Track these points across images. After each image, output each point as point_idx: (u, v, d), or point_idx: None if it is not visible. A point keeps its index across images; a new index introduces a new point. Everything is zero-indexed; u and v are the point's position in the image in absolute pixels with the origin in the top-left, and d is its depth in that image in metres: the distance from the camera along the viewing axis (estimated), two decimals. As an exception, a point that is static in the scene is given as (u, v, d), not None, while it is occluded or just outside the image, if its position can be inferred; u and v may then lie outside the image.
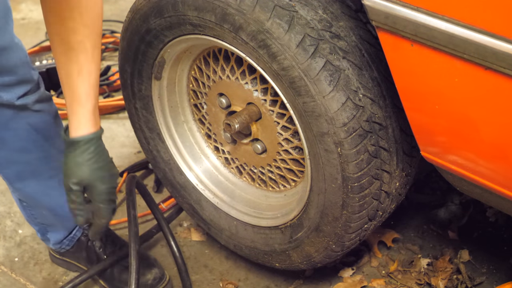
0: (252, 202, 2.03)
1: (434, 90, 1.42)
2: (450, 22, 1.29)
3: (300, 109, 1.61)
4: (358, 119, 1.57)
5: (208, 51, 1.91)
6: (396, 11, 1.36)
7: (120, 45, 1.98)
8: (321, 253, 1.83)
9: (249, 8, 1.57)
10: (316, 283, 2.09)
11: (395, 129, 1.65)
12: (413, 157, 1.74)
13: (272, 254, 1.95)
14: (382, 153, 1.65)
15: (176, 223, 2.34)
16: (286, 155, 1.84)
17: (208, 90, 1.96)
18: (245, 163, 2.01)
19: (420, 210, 2.30)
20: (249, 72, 1.81)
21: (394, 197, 1.78)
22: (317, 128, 1.60)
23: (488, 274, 2.08)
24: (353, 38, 1.59)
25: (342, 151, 1.59)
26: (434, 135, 1.52)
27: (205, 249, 2.24)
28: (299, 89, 1.58)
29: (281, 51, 1.56)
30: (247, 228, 2.00)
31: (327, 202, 1.70)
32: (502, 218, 2.23)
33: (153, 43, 1.88)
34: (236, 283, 2.11)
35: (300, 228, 1.83)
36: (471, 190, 1.58)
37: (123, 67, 2.01)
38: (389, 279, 2.08)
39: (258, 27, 1.57)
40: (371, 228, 1.82)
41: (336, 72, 1.55)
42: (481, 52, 1.27)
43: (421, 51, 1.37)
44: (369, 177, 1.64)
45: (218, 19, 1.64)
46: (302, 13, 1.56)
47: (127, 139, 2.75)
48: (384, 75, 1.62)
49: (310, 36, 1.55)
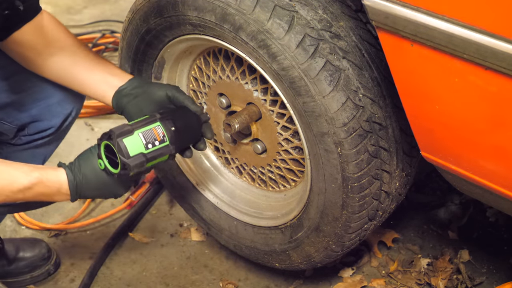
0: (252, 202, 2.03)
1: (434, 90, 1.42)
2: (450, 22, 1.29)
3: (300, 109, 1.61)
4: (358, 119, 1.57)
5: (208, 51, 1.90)
6: (396, 11, 1.36)
7: (120, 45, 1.98)
8: (321, 253, 1.83)
9: (249, 8, 1.57)
10: (316, 283, 2.09)
11: (395, 129, 1.65)
12: (413, 157, 1.74)
13: (272, 254, 1.95)
14: (382, 153, 1.65)
15: (176, 223, 2.34)
16: (286, 155, 1.84)
17: (208, 90, 1.96)
18: (245, 163, 2.01)
19: (420, 210, 2.30)
20: (249, 72, 1.81)
21: (394, 197, 1.78)
22: (317, 128, 1.60)
23: (488, 274, 2.07)
24: (353, 38, 1.59)
25: (342, 151, 1.59)
26: (434, 135, 1.52)
27: (205, 249, 2.24)
28: (299, 89, 1.58)
29: (281, 51, 1.56)
30: (247, 228, 2.00)
31: (327, 202, 1.70)
32: (502, 218, 2.23)
33: (153, 43, 1.88)
34: (236, 283, 2.11)
35: (300, 228, 1.83)
36: (471, 190, 1.58)
37: (123, 67, 2.01)
38: (389, 279, 2.08)
39: (258, 27, 1.57)
40: (371, 228, 1.82)
41: (336, 72, 1.55)
42: (481, 52, 1.27)
43: (421, 51, 1.36)
44: (369, 177, 1.64)
45: (218, 19, 1.64)
46: (302, 13, 1.56)
47: (127, 139, 2.76)
48: (384, 75, 1.62)
49: (310, 36, 1.54)
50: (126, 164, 1.53)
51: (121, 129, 1.55)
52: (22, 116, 1.83)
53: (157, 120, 1.61)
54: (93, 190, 1.60)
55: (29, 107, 1.83)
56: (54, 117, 1.86)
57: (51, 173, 1.57)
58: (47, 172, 1.56)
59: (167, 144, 1.60)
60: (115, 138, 1.53)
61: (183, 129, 1.64)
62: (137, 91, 1.71)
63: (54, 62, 1.76)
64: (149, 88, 1.71)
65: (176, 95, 1.71)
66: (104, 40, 3.40)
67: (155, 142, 1.58)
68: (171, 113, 1.65)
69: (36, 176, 1.54)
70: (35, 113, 1.84)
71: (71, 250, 2.25)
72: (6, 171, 1.53)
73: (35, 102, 1.83)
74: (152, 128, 1.59)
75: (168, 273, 2.15)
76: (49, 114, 1.85)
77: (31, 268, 2.11)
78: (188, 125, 1.67)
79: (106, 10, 3.73)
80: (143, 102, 1.70)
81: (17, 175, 1.53)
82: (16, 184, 1.52)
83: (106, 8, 3.75)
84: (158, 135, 1.59)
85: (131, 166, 1.54)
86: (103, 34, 3.43)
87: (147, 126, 1.59)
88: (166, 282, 2.13)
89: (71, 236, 2.29)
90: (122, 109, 1.74)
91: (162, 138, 1.59)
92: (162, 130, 1.60)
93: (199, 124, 1.70)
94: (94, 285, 2.12)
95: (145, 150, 1.56)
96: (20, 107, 1.82)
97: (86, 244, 2.26)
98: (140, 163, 1.54)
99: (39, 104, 1.83)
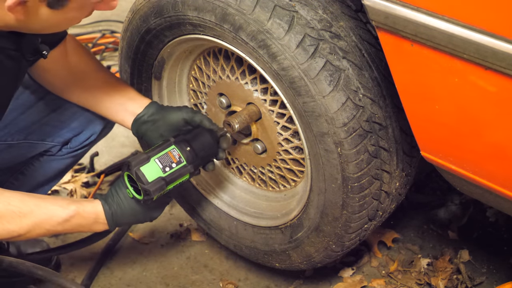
0: (252, 202, 2.03)
1: (434, 90, 1.42)
2: (450, 22, 1.29)
3: (300, 109, 1.61)
4: (358, 119, 1.57)
5: (208, 51, 1.90)
6: (396, 11, 1.36)
7: (120, 45, 1.98)
8: (321, 253, 1.83)
9: (249, 8, 1.57)
10: (316, 283, 2.09)
11: (395, 129, 1.65)
12: (413, 157, 1.74)
13: (272, 254, 1.95)
14: (382, 153, 1.65)
15: (176, 223, 2.34)
16: (286, 155, 1.84)
17: (208, 90, 1.96)
18: (245, 163, 2.01)
19: (420, 210, 2.30)
20: (249, 72, 1.81)
21: (394, 197, 1.78)
22: (317, 128, 1.60)
23: (488, 274, 2.07)
24: (353, 38, 1.59)
25: (342, 151, 1.59)
26: (434, 135, 1.52)
27: (205, 249, 2.24)
28: (299, 89, 1.58)
29: (281, 51, 1.56)
30: (247, 228, 2.00)
31: (327, 202, 1.70)
32: (502, 218, 2.23)
33: (153, 43, 1.88)
34: (236, 283, 2.11)
35: (300, 228, 1.83)
36: (471, 190, 1.58)
37: (123, 67, 2.01)
38: (389, 279, 2.08)
39: (258, 27, 1.57)
40: (371, 228, 1.82)
41: (336, 72, 1.55)
42: (481, 52, 1.27)
43: (421, 51, 1.36)
44: (369, 177, 1.64)
45: (218, 19, 1.64)
46: (302, 13, 1.56)
47: (127, 139, 2.75)
48: (384, 75, 1.62)
49: (310, 36, 1.54)
50: (146, 190, 1.63)
51: (137, 159, 1.66)
52: (63, 132, 1.90)
53: (172, 143, 1.70)
54: (128, 216, 1.69)
55: (68, 122, 1.89)
56: (95, 126, 1.92)
57: (87, 205, 1.65)
58: (83, 204, 1.64)
59: (184, 164, 1.69)
60: (132, 168, 1.64)
61: (199, 147, 1.73)
62: (155, 117, 1.78)
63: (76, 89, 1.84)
64: (166, 113, 1.78)
65: (192, 116, 1.76)
66: (104, 40, 3.41)
67: (172, 164, 1.67)
68: (185, 135, 1.74)
69: (73, 209, 1.61)
70: (75, 126, 1.90)
71: (71, 250, 2.25)
72: (44, 206, 1.59)
73: (73, 115, 1.89)
74: (168, 152, 1.68)
75: (168, 273, 2.15)
76: (89, 124, 1.91)
77: None
78: (203, 143, 1.74)
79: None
80: (161, 128, 1.78)
81: (55, 209, 1.60)
82: (55, 218, 1.59)
83: (106, 8, 3.74)
84: (174, 158, 1.68)
85: (152, 191, 1.64)
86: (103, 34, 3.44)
87: (163, 151, 1.68)
88: (166, 282, 2.13)
89: (71, 236, 2.29)
90: (142, 135, 1.81)
91: (178, 159, 1.68)
92: (177, 152, 1.69)
93: (216, 138, 1.77)
94: (95, 285, 2.12)
95: (163, 173, 1.66)
96: (59, 124, 1.89)
97: (86, 244, 2.26)
98: (160, 187, 1.64)
99: (77, 117, 1.89)
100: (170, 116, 1.77)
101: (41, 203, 1.59)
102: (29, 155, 1.91)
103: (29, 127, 1.87)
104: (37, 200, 1.59)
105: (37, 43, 1.62)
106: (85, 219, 1.63)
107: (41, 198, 1.62)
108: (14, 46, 1.53)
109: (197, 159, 1.72)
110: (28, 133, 1.87)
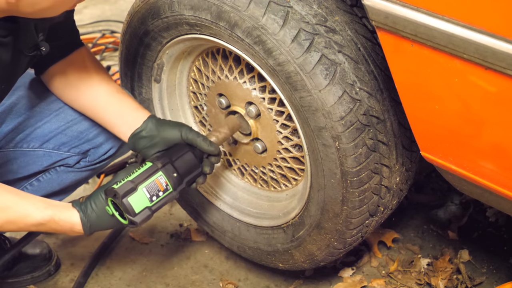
0: (254, 202, 2.03)
1: (434, 90, 1.42)
2: (450, 22, 1.29)
3: (297, 104, 1.61)
4: (355, 113, 1.57)
5: (206, 52, 1.91)
6: (396, 11, 1.36)
7: (120, 49, 1.99)
8: (324, 251, 1.83)
9: (243, 4, 1.58)
10: (316, 283, 2.09)
11: (394, 123, 1.65)
12: (413, 151, 1.73)
13: (275, 254, 1.95)
14: (381, 147, 1.64)
15: (176, 223, 2.34)
16: (286, 153, 1.84)
17: (208, 91, 1.96)
18: (246, 164, 2.01)
19: (420, 210, 2.30)
20: (247, 71, 1.81)
21: (395, 193, 1.77)
22: (315, 123, 1.60)
23: (488, 274, 2.07)
24: (348, 32, 1.59)
25: (340, 145, 1.59)
26: (434, 135, 1.52)
27: (205, 249, 2.25)
28: (295, 84, 1.58)
29: (276, 46, 1.56)
30: (249, 229, 2.00)
31: (327, 198, 1.70)
32: (502, 218, 2.23)
33: (152, 45, 1.88)
34: (236, 283, 2.11)
35: (301, 226, 1.83)
36: (471, 190, 1.58)
37: (124, 70, 2.02)
38: (389, 279, 2.08)
39: (253, 23, 1.57)
40: (372, 224, 1.81)
41: (332, 66, 1.55)
42: (481, 52, 1.27)
43: (421, 51, 1.36)
44: (368, 171, 1.64)
45: (213, 17, 1.64)
46: (296, 8, 1.57)
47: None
48: (381, 69, 1.62)
49: (305, 31, 1.55)
50: (133, 221, 1.62)
51: (125, 189, 1.62)
52: (80, 143, 1.89)
53: (159, 170, 1.67)
54: (106, 227, 1.68)
55: (85, 133, 1.88)
56: (114, 139, 1.90)
57: (64, 213, 1.63)
58: (60, 211, 1.62)
59: (170, 191, 1.68)
60: (120, 198, 1.61)
61: (185, 172, 1.71)
62: (152, 134, 1.75)
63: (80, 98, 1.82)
64: (163, 130, 1.76)
65: (187, 135, 1.75)
66: (104, 40, 3.41)
67: (159, 193, 1.66)
68: (170, 156, 1.71)
69: (49, 214, 1.60)
70: (92, 138, 1.89)
71: (71, 250, 2.25)
72: (21, 204, 1.60)
73: (91, 127, 1.88)
74: (155, 180, 1.66)
75: (168, 273, 2.16)
76: (108, 137, 1.90)
77: (32, 269, 2.12)
78: (190, 166, 1.72)
79: (106, 10, 3.74)
80: (158, 145, 1.75)
81: (31, 210, 1.59)
82: (29, 219, 1.59)
83: (106, 8, 3.76)
84: (161, 185, 1.66)
85: (138, 222, 1.63)
86: (103, 34, 3.44)
87: (150, 178, 1.65)
88: (166, 282, 2.13)
89: (71, 236, 2.29)
90: (139, 151, 1.79)
91: (165, 187, 1.66)
92: (164, 179, 1.66)
93: (200, 158, 1.75)
94: (95, 285, 2.12)
95: (150, 203, 1.64)
96: (77, 135, 1.88)
97: (86, 244, 2.26)
98: (147, 217, 1.64)
99: (95, 129, 1.88)
100: (168, 133, 1.75)
101: (19, 201, 1.59)
102: (45, 164, 1.89)
103: (46, 135, 1.86)
104: (16, 198, 1.60)
105: (37, 40, 1.61)
106: (60, 226, 1.63)
107: (21, 196, 1.62)
108: (6, 32, 1.51)
109: (182, 183, 1.70)
110: (44, 141, 1.87)
